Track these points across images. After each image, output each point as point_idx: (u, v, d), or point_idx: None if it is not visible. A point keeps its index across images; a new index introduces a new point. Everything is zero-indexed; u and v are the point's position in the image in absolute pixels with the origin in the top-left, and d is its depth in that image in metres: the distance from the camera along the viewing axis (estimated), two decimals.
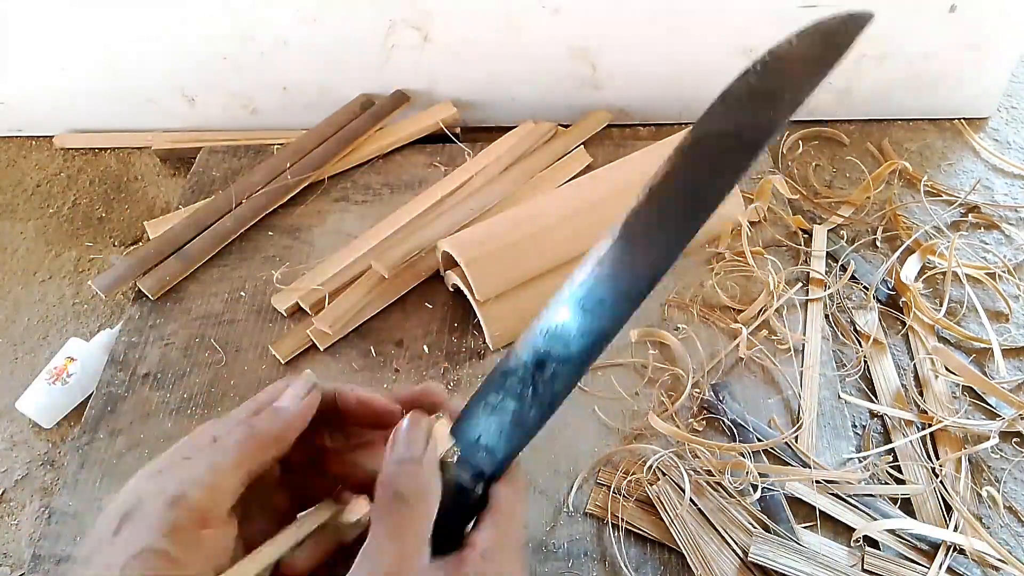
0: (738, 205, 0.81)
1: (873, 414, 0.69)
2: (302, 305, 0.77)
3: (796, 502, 0.61)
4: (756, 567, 0.57)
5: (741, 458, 0.62)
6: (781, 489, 0.61)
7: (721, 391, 0.68)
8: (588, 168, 0.90)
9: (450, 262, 0.74)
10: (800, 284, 0.77)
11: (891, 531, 0.59)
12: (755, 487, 0.60)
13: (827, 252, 0.81)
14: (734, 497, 0.60)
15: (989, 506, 0.63)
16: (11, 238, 0.91)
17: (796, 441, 0.65)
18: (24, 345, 0.80)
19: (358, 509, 0.35)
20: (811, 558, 0.57)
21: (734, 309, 0.75)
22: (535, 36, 0.91)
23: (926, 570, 0.57)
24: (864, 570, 0.57)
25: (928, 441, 0.66)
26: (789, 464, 0.63)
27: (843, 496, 0.61)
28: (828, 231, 0.83)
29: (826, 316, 0.75)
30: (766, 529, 0.59)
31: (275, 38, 0.92)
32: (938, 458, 0.65)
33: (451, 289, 0.77)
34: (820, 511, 0.60)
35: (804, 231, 0.83)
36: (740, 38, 0.91)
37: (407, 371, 0.73)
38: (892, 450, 0.66)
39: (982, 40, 0.91)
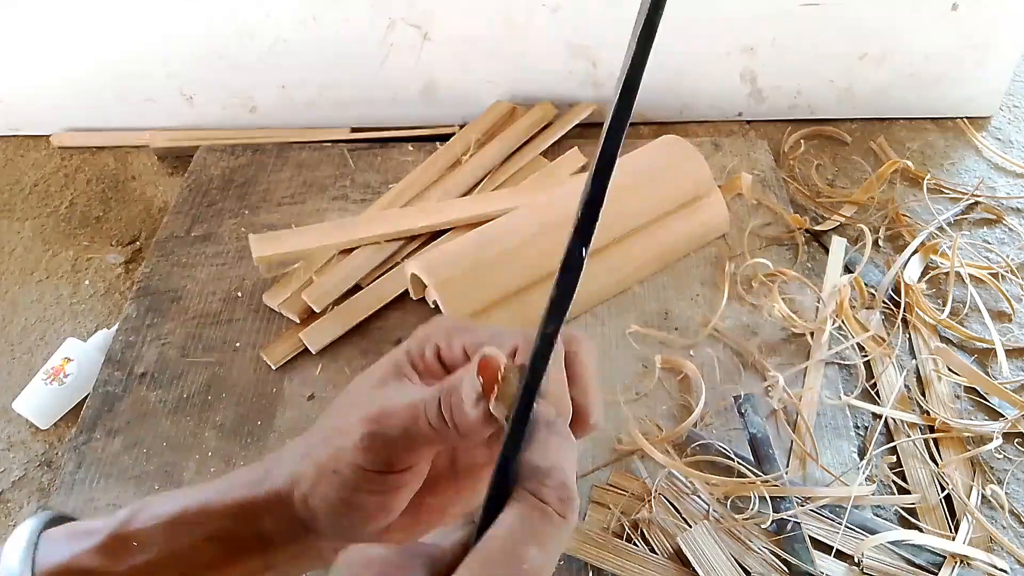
0: (706, 176, 0.78)
1: (875, 415, 0.68)
2: (290, 308, 0.76)
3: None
4: None
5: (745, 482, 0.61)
6: (795, 518, 0.59)
7: (744, 404, 0.67)
8: (584, 169, 0.89)
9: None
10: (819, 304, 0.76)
11: (893, 545, 0.58)
12: (770, 518, 0.59)
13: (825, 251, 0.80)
14: (744, 526, 0.59)
15: (993, 506, 0.62)
16: (8, 238, 0.90)
17: (787, 475, 0.62)
18: (21, 345, 0.79)
19: None
20: None
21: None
22: (535, 34, 0.91)
23: None
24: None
25: (931, 442, 0.66)
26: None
27: (838, 518, 0.60)
28: (828, 231, 0.83)
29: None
30: (783, 562, 0.58)
31: (274, 37, 0.91)
32: (941, 459, 0.64)
33: (432, 306, 0.75)
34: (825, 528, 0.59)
35: (804, 230, 0.82)
36: (740, 38, 0.90)
37: None
38: (895, 451, 0.65)
39: (984, 38, 0.91)
